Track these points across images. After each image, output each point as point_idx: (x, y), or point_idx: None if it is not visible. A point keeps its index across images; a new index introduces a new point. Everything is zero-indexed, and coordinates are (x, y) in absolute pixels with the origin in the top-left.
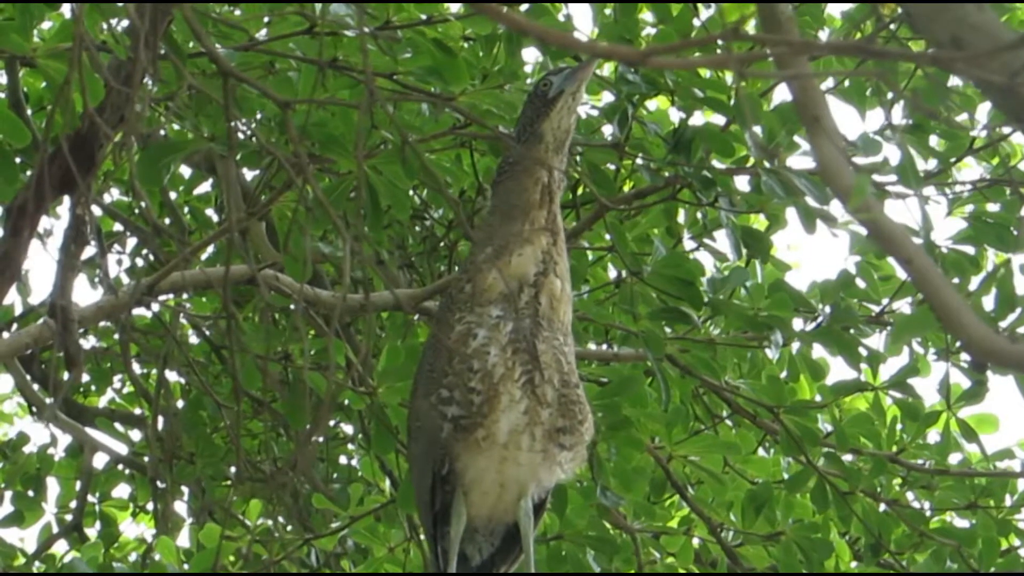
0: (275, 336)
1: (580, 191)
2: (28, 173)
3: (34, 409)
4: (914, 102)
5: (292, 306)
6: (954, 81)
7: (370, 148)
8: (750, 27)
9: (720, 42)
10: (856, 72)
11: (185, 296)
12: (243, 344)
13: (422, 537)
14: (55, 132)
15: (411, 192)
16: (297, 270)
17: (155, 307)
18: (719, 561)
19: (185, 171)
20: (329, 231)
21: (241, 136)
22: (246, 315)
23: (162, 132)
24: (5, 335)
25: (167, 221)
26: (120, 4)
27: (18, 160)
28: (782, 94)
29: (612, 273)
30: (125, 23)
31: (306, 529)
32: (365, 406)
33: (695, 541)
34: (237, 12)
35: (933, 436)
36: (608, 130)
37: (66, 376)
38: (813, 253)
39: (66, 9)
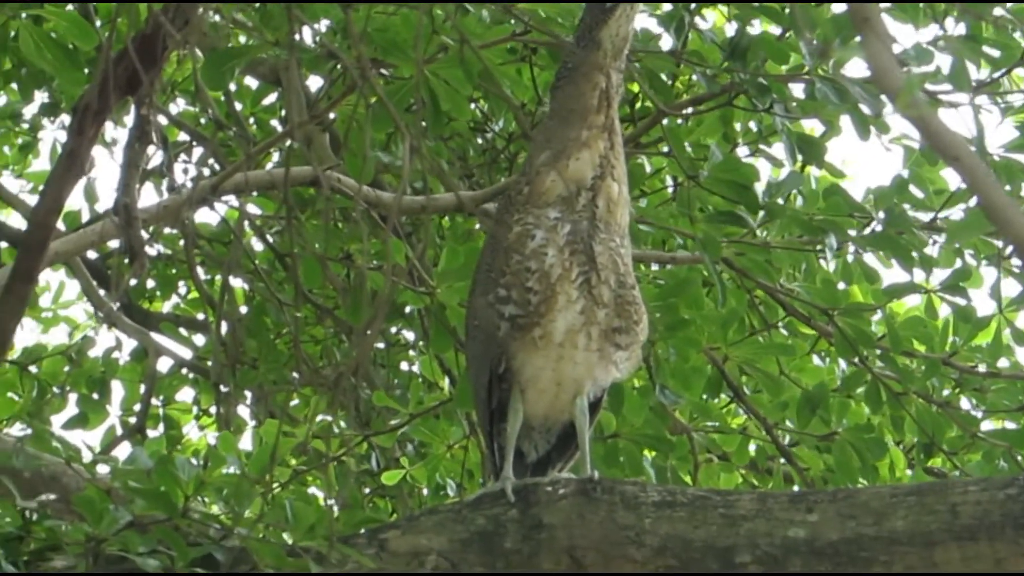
0: (336, 236)
1: (639, 104)
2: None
3: (99, 313)
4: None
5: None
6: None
7: (431, 55)
8: None
9: None
10: None
11: (250, 198)
12: (306, 240)
13: (481, 435)
14: (120, 33)
15: (472, 105)
16: (357, 167)
17: (220, 209)
18: (776, 468)
19: (252, 83)
20: (391, 137)
21: (305, 45)
22: (308, 217)
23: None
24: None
25: (232, 132)
26: None
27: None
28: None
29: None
30: None
31: (367, 429)
32: (424, 305)
33: (751, 449)
34: None
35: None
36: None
37: (129, 273)
38: (867, 168)
39: None
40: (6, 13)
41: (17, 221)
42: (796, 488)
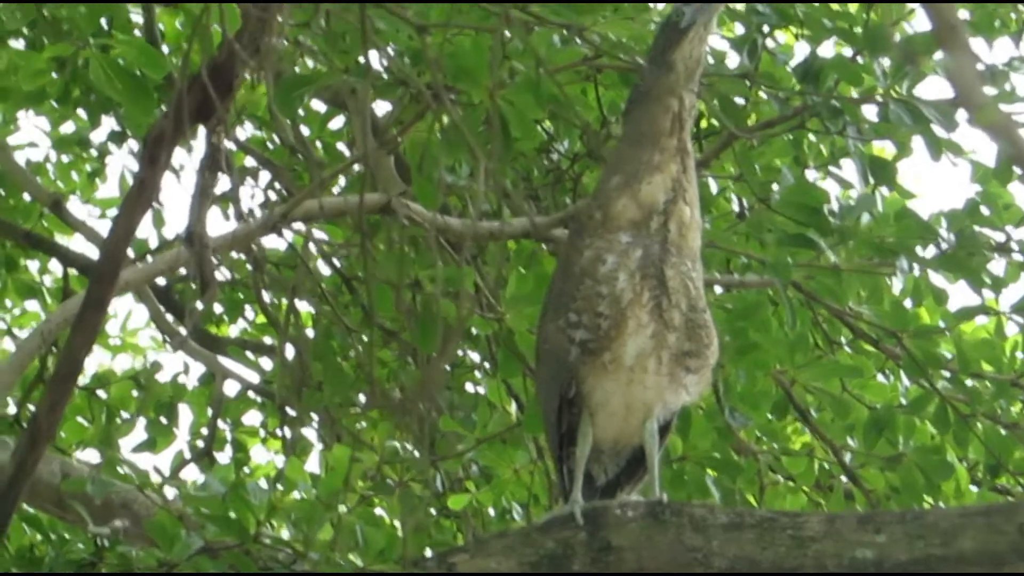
0: (406, 263)
1: (705, 123)
2: (163, 108)
3: (168, 339)
4: None
5: (423, 235)
6: None
7: (500, 80)
8: None
9: None
10: None
11: (317, 224)
12: (377, 267)
13: (548, 459)
14: (192, 62)
15: (538, 126)
16: (428, 195)
17: (287, 235)
18: (837, 485)
19: (319, 107)
20: (457, 161)
21: (374, 70)
22: (376, 245)
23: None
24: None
25: (299, 149)
26: None
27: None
28: (912, 28)
29: (735, 206)
30: None
31: (433, 454)
32: (493, 332)
33: (816, 465)
34: None
35: None
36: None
37: (200, 305)
38: (931, 182)
39: None
40: (76, 43)
41: (80, 243)
42: (858, 505)
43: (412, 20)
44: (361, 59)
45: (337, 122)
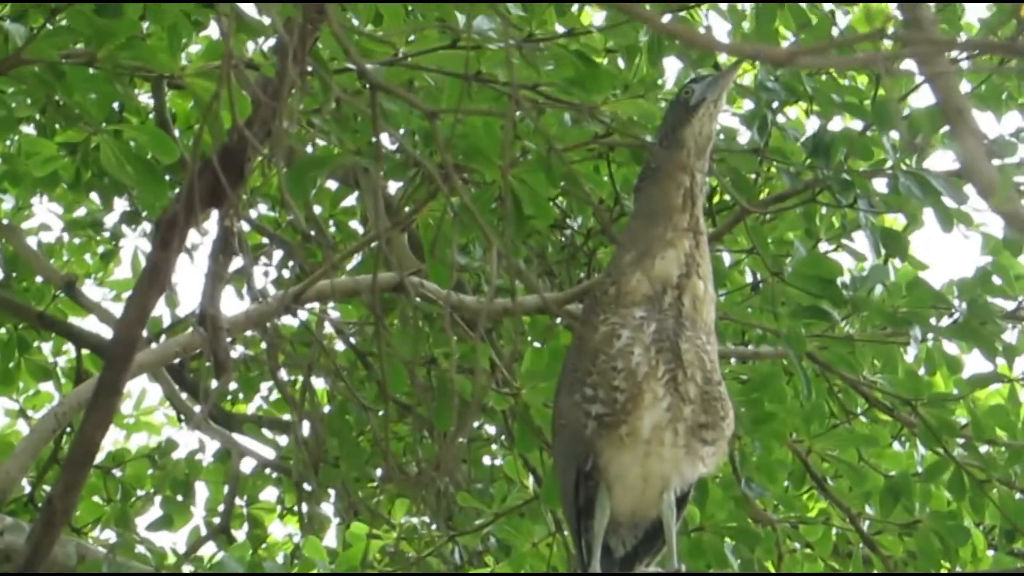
0: (421, 340)
1: (717, 198)
2: (175, 190)
3: (183, 417)
4: None
5: (438, 312)
6: None
7: (512, 159)
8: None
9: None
10: (999, 69)
11: (331, 304)
12: (391, 347)
13: (566, 532)
14: (204, 147)
15: (552, 202)
16: (442, 276)
17: (302, 314)
18: (855, 552)
19: (331, 185)
20: (470, 241)
21: (385, 149)
22: (391, 321)
23: (308, 148)
24: (154, 345)
25: (312, 234)
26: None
27: (166, 177)
28: (920, 99)
29: (749, 277)
30: (272, 42)
31: (450, 528)
32: (509, 406)
33: (833, 532)
34: (380, 34)
35: None
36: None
37: (215, 383)
38: (945, 251)
39: (213, 30)
40: (87, 129)
41: (94, 324)
42: (876, 571)
43: (422, 106)
44: (372, 140)
45: (350, 200)
